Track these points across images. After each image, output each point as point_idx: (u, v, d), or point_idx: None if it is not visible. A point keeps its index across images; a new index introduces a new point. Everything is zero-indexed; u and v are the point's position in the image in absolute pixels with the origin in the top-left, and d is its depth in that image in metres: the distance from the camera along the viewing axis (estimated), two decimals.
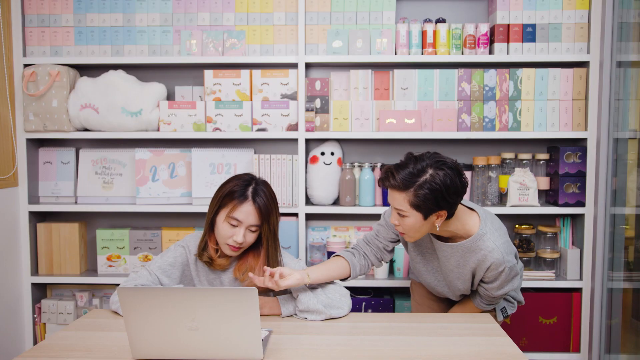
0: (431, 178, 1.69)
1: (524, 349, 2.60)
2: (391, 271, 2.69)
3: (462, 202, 1.89)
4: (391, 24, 2.61)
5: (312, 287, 1.83)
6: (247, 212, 1.81)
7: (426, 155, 1.77)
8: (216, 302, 1.39)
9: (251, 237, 1.85)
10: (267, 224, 1.84)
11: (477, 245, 1.79)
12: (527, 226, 2.65)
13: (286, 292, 1.95)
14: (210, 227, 1.89)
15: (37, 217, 2.74)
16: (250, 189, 1.83)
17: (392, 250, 2.04)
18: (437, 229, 1.78)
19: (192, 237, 1.96)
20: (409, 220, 1.74)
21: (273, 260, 1.88)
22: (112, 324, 1.74)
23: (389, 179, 1.73)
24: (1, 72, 2.56)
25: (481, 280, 1.88)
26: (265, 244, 1.87)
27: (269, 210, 1.83)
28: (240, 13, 2.64)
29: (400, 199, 1.72)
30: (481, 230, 1.80)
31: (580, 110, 2.58)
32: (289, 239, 2.62)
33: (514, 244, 2.67)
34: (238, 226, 1.81)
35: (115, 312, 1.82)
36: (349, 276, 1.94)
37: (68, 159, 2.73)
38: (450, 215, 1.76)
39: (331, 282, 1.87)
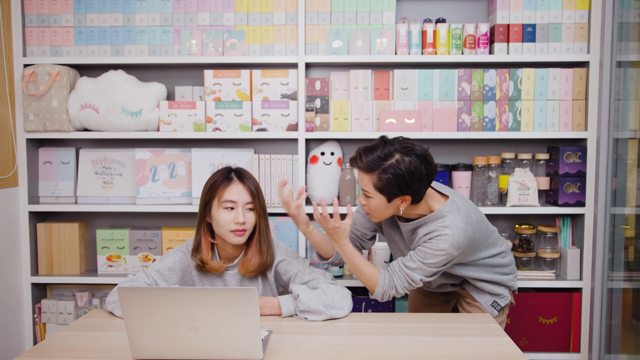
0: (396, 163, 1.73)
1: (524, 349, 2.60)
2: None
3: (440, 188, 1.92)
4: (391, 24, 2.61)
5: (313, 287, 1.83)
6: (238, 191, 1.85)
7: (396, 140, 1.80)
8: (216, 302, 1.39)
9: (251, 217, 1.86)
10: (259, 200, 1.88)
11: (436, 219, 1.80)
12: (527, 226, 2.65)
13: (286, 292, 1.96)
14: (205, 227, 1.89)
15: (37, 217, 2.74)
16: (233, 173, 1.90)
17: (373, 238, 2.10)
18: (401, 212, 1.81)
19: (192, 241, 1.95)
20: (373, 202, 1.79)
21: (264, 238, 1.90)
22: (112, 324, 1.74)
23: (357, 160, 1.80)
24: (1, 72, 2.56)
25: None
26: (257, 221, 1.88)
27: (256, 187, 1.89)
28: (240, 13, 2.64)
29: (365, 180, 1.78)
30: (445, 207, 1.81)
31: (580, 110, 2.58)
32: (289, 239, 2.62)
33: (514, 244, 2.67)
34: (235, 208, 1.84)
35: (111, 313, 1.82)
36: (331, 256, 2.06)
37: (68, 159, 2.73)
38: (416, 200, 1.79)
39: (332, 283, 1.86)
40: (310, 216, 2.73)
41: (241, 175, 1.89)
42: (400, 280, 1.85)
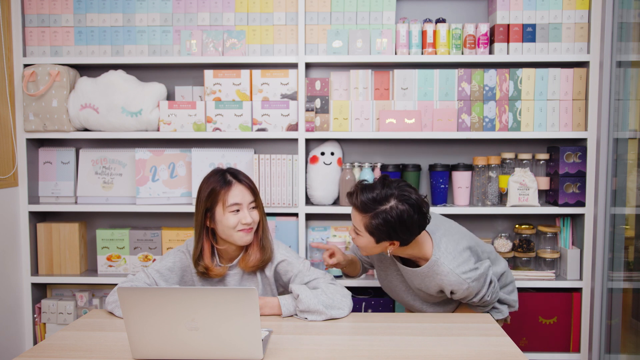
0: (389, 210, 1.73)
1: (524, 349, 2.60)
2: None
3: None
4: (391, 24, 2.61)
5: (314, 287, 1.83)
6: (240, 192, 1.87)
7: (395, 184, 1.79)
8: (216, 302, 1.39)
9: (255, 214, 1.90)
10: (259, 197, 1.93)
11: (434, 271, 1.85)
12: (527, 226, 2.65)
13: (286, 292, 1.96)
14: (205, 233, 1.88)
15: (37, 217, 2.74)
16: (228, 175, 1.90)
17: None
18: (389, 254, 1.84)
19: (192, 241, 1.95)
20: (362, 240, 1.83)
21: (265, 234, 1.93)
22: (112, 324, 1.74)
23: (352, 196, 1.82)
24: (1, 72, 2.56)
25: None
26: (261, 218, 1.92)
27: (253, 183, 1.93)
28: (240, 13, 2.64)
29: (358, 219, 1.81)
30: (434, 257, 1.84)
31: (580, 110, 2.58)
32: (289, 239, 2.62)
33: (514, 244, 2.67)
34: (240, 210, 1.86)
35: (111, 313, 1.82)
36: (358, 273, 2.25)
37: (68, 159, 2.73)
38: (404, 244, 1.81)
39: (332, 283, 1.86)
40: (311, 216, 2.73)
41: (237, 175, 1.91)
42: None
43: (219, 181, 1.87)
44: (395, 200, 1.74)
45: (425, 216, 1.78)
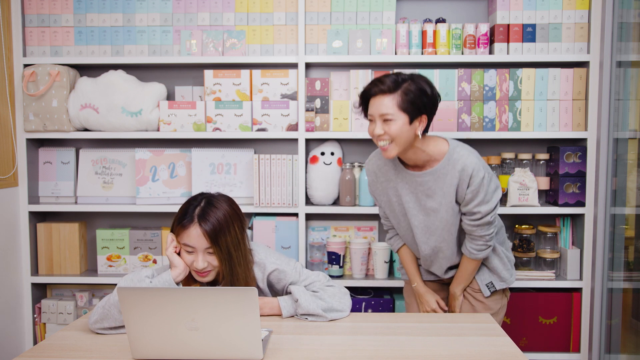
0: (415, 83, 1.84)
1: (524, 349, 2.60)
2: (391, 271, 2.69)
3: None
4: (391, 24, 2.61)
5: (314, 291, 1.81)
6: (195, 236, 1.66)
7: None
8: (216, 302, 1.39)
9: (213, 260, 1.69)
10: (219, 246, 1.66)
11: (454, 158, 1.89)
12: (527, 226, 2.65)
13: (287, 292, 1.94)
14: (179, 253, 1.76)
15: (37, 217, 2.74)
16: (197, 210, 1.68)
17: None
18: (420, 136, 1.86)
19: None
20: (395, 125, 1.82)
21: (235, 278, 1.71)
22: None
23: (377, 85, 1.84)
24: (1, 72, 2.56)
25: (466, 212, 1.93)
26: (220, 265, 1.69)
27: (217, 231, 1.65)
28: (240, 13, 2.64)
29: (388, 103, 1.82)
30: (452, 145, 1.92)
31: (580, 110, 2.58)
32: (289, 239, 2.62)
33: (514, 244, 2.67)
34: (194, 252, 1.68)
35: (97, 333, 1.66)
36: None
37: (68, 159, 2.73)
38: (427, 125, 1.88)
39: (329, 285, 1.84)
40: (311, 216, 2.73)
41: (204, 214, 1.67)
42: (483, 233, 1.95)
43: (183, 213, 1.70)
44: (410, 79, 1.86)
45: (437, 94, 1.90)
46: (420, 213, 1.98)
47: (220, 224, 1.67)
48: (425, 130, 1.88)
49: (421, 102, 1.83)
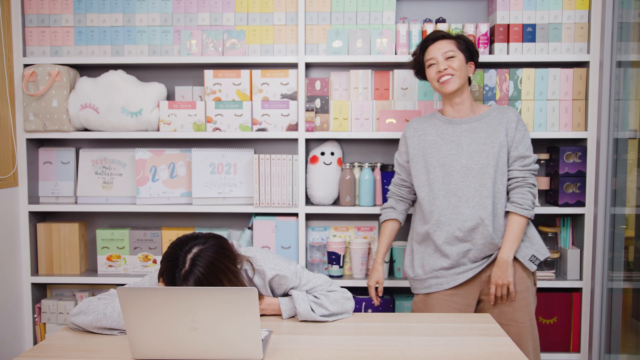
0: (464, 37, 2.20)
1: None
2: (391, 271, 2.69)
3: None
4: (391, 24, 2.61)
5: (315, 296, 1.80)
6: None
7: None
8: (216, 302, 1.39)
9: None
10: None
11: (501, 108, 2.17)
12: None
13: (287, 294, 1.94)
14: None
15: (37, 217, 2.74)
16: (178, 274, 1.54)
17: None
18: (471, 75, 2.18)
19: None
20: (456, 61, 2.11)
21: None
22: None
23: (436, 33, 2.17)
24: (1, 72, 2.56)
25: (516, 158, 2.09)
26: None
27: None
28: (240, 13, 2.64)
29: (449, 45, 2.13)
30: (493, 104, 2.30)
31: (580, 110, 2.58)
32: (289, 239, 2.62)
33: None
34: None
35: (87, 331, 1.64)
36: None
37: (68, 159, 2.73)
38: (475, 65, 2.20)
39: (331, 290, 1.83)
40: (311, 216, 2.73)
41: (187, 278, 1.52)
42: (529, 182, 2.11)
43: (168, 275, 1.55)
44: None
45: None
46: (464, 157, 2.09)
47: (208, 281, 1.54)
48: (477, 63, 2.20)
49: (472, 48, 2.17)
